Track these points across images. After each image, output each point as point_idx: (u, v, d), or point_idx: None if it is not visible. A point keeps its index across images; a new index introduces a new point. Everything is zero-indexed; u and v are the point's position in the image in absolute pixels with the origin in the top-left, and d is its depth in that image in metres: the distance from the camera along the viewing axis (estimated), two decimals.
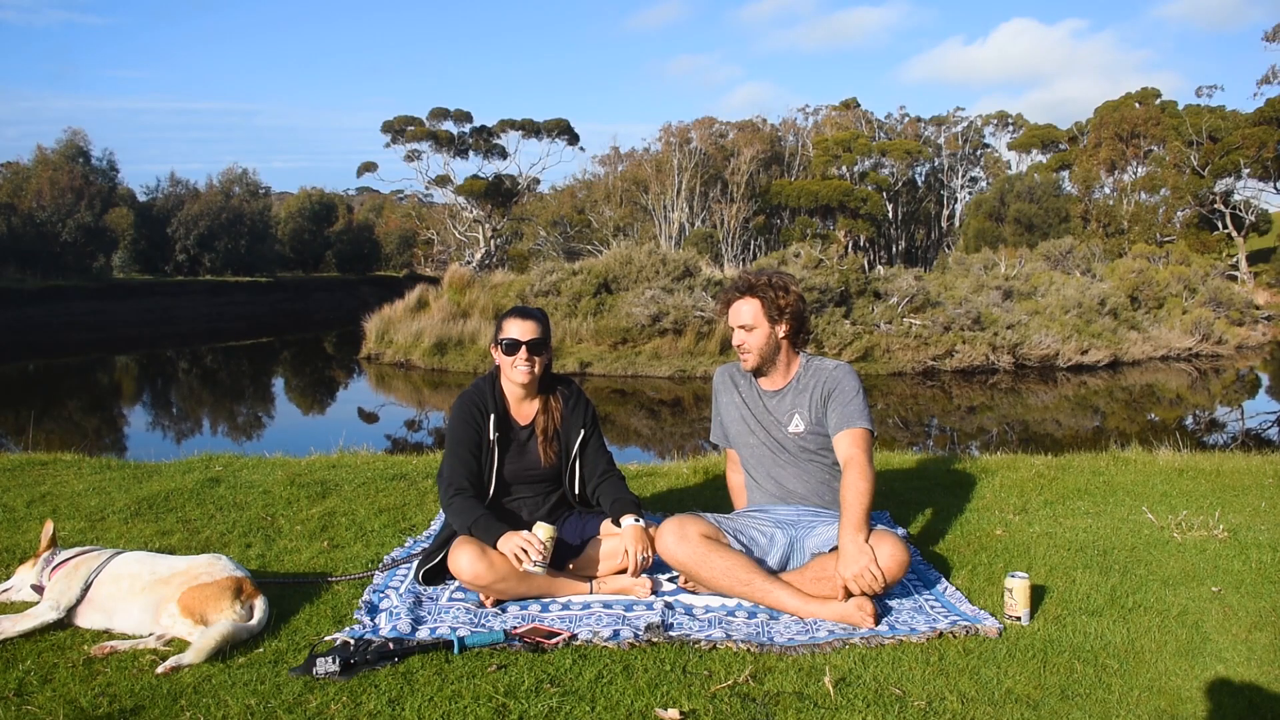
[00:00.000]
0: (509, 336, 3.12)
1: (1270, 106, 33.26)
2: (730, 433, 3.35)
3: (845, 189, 40.64)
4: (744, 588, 2.89)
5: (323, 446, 5.65)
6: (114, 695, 2.27)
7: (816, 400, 3.17)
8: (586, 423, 3.21)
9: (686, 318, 16.82)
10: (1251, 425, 13.14)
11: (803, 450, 3.19)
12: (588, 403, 3.26)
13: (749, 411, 3.27)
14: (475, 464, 3.09)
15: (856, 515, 2.81)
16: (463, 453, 3.08)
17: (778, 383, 3.24)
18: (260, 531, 3.73)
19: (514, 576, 2.90)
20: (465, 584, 2.93)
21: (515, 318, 3.16)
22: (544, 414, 3.20)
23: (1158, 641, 2.64)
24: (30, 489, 4.40)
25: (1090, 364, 17.45)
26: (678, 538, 2.93)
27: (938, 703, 2.26)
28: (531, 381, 3.15)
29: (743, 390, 3.31)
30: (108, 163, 36.90)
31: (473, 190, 40.95)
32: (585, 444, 3.21)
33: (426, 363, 17.47)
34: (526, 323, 3.13)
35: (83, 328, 28.12)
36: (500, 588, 2.91)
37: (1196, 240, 33.14)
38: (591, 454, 3.22)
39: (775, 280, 3.20)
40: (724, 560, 2.90)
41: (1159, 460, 5.20)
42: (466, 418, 3.11)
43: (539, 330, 3.14)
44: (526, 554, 2.83)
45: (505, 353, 3.12)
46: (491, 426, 3.11)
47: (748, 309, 3.17)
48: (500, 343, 3.14)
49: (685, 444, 9.98)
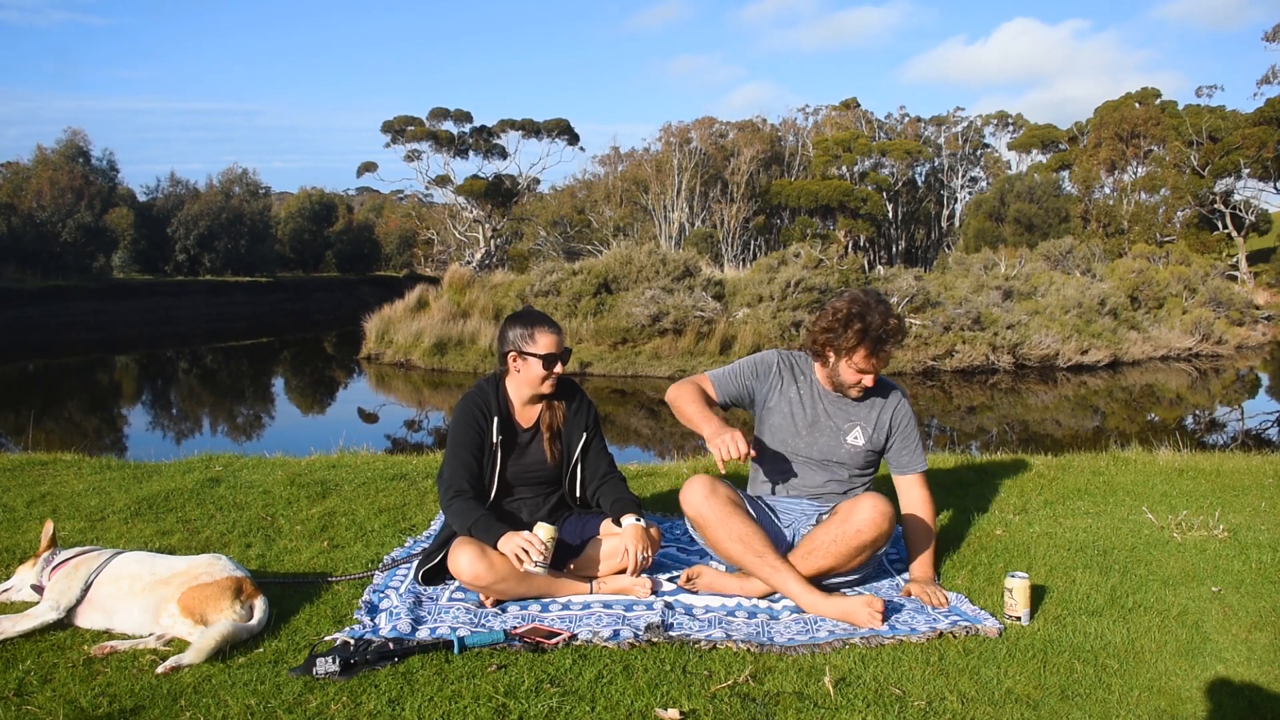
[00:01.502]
0: (548, 352, 3.08)
1: (1270, 106, 33.25)
2: (769, 423, 3.24)
3: (845, 189, 40.64)
4: (755, 558, 2.91)
5: (323, 446, 5.65)
6: (114, 695, 2.27)
7: (882, 422, 3.20)
8: (589, 425, 3.21)
9: (686, 318, 16.82)
10: (1251, 425, 13.14)
11: (847, 461, 3.20)
12: (590, 405, 3.26)
13: (803, 410, 3.21)
14: (476, 466, 3.09)
15: (931, 555, 3.14)
16: (464, 454, 3.07)
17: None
18: (260, 531, 3.73)
19: (514, 577, 2.90)
20: (465, 585, 2.93)
21: (547, 330, 3.10)
22: (548, 412, 3.20)
23: (1158, 641, 2.64)
24: (30, 489, 4.40)
25: (1090, 364, 17.45)
26: (707, 491, 2.98)
27: (938, 703, 2.26)
28: (553, 393, 3.17)
29: (801, 386, 3.24)
30: (108, 163, 36.92)
31: (473, 190, 40.94)
32: (587, 447, 3.21)
33: (426, 363, 17.47)
34: (557, 335, 3.12)
35: (83, 328, 28.11)
36: (500, 588, 2.91)
37: (1196, 240, 33.13)
38: (593, 457, 3.22)
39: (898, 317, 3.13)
40: (744, 527, 2.95)
41: (1159, 460, 5.19)
42: (469, 420, 3.09)
43: (563, 338, 3.17)
44: (527, 554, 2.82)
45: (544, 367, 3.08)
46: (495, 429, 3.10)
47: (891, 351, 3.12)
48: (540, 357, 3.07)
49: (685, 444, 9.98)
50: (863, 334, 3.02)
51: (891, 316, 3.06)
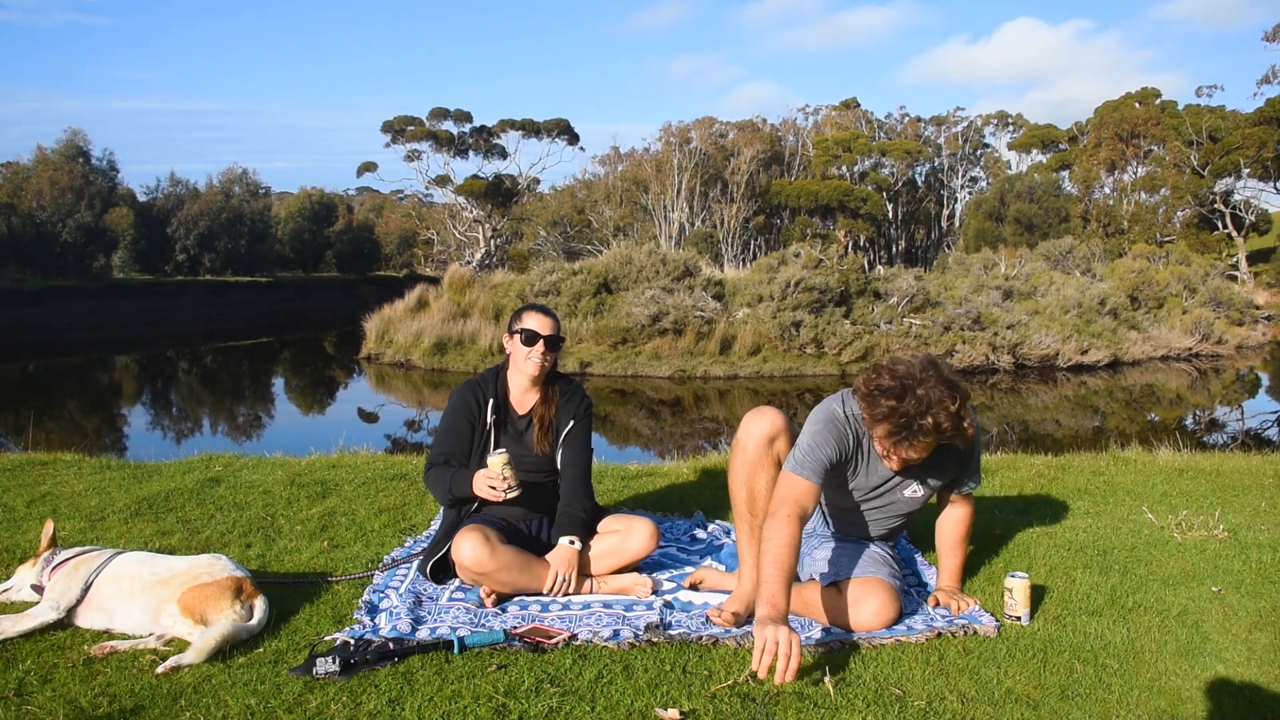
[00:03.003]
0: (528, 328, 3.20)
1: (1270, 106, 33.26)
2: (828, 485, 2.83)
3: (845, 189, 40.65)
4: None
5: (323, 446, 5.65)
6: (114, 695, 2.27)
7: (948, 463, 2.83)
8: (579, 414, 3.26)
9: (686, 318, 16.82)
10: (1251, 425, 13.14)
11: (908, 511, 2.94)
12: (584, 396, 3.32)
13: (866, 476, 2.84)
14: (457, 445, 3.19)
15: (961, 568, 3.02)
16: (449, 434, 3.20)
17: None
18: (260, 531, 3.73)
19: (516, 566, 2.94)
20: (468, 572, 2.94)
21: (537, 313, 3.25)
22: (543, 404, 3.26)
23: (1158, 641, 2.64)
24: (30, 489, 4.40)
25: (1090, 364, 17.45)
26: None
27: (938, 703, 2.26)
28: (540, 375, 3.23)
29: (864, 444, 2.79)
30: (108, 163, 36.92)
31: (473, 190, 40.95)
32: (570, 434, 3.24)
33: (426, 363, 17.47)
34: (548, 319, 3.24)
35: (83, 328, 28.11)
36: (503, 578, 2.92)
37: (1196, 240, 33.14)
38: (570, 443, 3.23)
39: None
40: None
41: (1159, 460, 5.19)
42: (461, 403, 3.22)
43: (556, 328, 3.24)
44: (495, 488, 2.92)
45: (524, 342, 3.19)
46: (489, 410, 3.20)
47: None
48: (520, 332, 3.21)
49: (685, 444, 9.98)
50: (889, 414, 2.55)
51: (936, 410, 2.52)
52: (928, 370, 2.57)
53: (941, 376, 2.57)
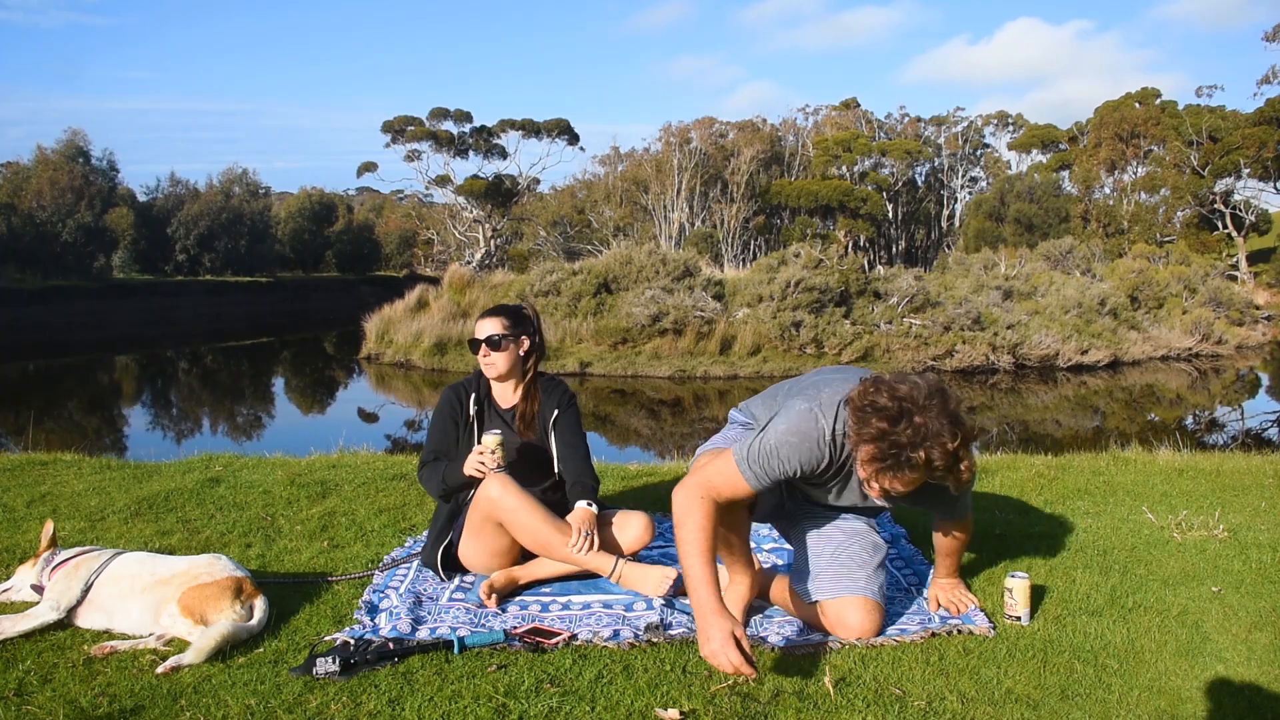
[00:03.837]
0: (472, 335, 3.32)
1: (1270, 106, 33.26)
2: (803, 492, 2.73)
3: (845, 189, 40.65)
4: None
5: (323, 446, 5.65)
6: (114, 695, 2.27)
7: (935, 501, 2.68)
8: (562, 404, 3.32)
9: (686, 318, 16.82)
10: (1251, 425, 13.15)
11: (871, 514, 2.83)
12: (566, 389, 3.38)
13: (836, 497, 2.67)
14: (446, 443, 3.25)
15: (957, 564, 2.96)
16: (437, 433, 3.27)
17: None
18: (260, 531, 3.73)
19: (540, 512, 2.96)
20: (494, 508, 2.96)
21: (483, 317, 3.34)
22: (524, 401, 3.34)
23: (1158, 641, 2.64)
24: (30, 489, 4.40)
25: (1090, 364, 17.45)
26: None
27: (938, 703, 2.27)
28: (501, 374, 3.29)
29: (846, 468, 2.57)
30: (108, 163, 36.88)
31: (473, 190, 40.95)
32: (559, 421, 3.29)
33: (426, 363, 17.47)
34: (486, 320, 3.31)
35: (83, 328, 28.13)
36: (524, 520, 2.95)
37: (1196, 240, 33.14)
38: (563, 429, 3.29)
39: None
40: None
41: (1159, 460, 5.19)
42: (445, 403, 3.32)
43: (501, 325, 3.27)
44: (484, 466, 2.96)
45: (471, 349, 3.31)
46: (471, 403, 3.29)
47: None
48: (470, 340, 3.34)
49: (685, 444, 9.98)
50: (878, 437, 2.26)
51: (931, 444, 2.23)
52: (932, 398, 2.27)
53: (946, 409, 2.28)
